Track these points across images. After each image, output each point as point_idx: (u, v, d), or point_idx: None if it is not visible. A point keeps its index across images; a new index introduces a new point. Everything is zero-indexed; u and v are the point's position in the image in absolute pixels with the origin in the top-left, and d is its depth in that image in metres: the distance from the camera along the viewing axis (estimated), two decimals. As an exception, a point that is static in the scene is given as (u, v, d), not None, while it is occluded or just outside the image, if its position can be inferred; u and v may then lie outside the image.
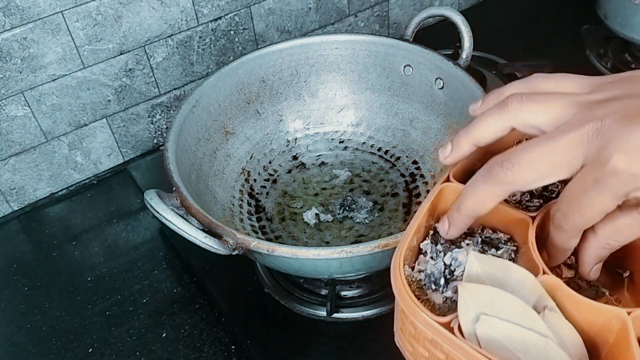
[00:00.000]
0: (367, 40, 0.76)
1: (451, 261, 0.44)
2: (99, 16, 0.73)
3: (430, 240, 0.46)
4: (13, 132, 0.75)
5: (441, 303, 0.42)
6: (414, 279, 0.44)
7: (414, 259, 0.46)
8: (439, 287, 0.43)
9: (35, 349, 0.64)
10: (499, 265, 0.42)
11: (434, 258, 0.45)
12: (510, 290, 0.40)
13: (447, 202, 0.49)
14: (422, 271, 0.45)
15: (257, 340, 0.62)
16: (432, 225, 0.48)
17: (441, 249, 0.46)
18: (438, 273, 0.44)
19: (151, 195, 0.55)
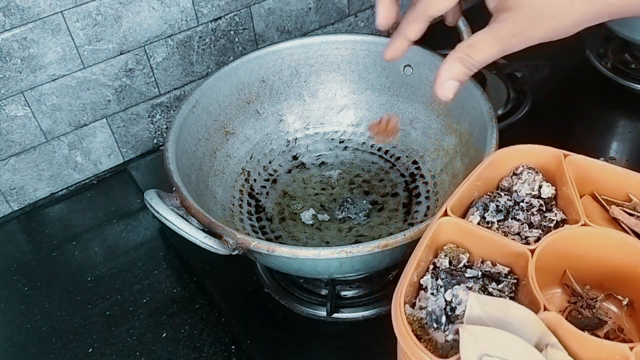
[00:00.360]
0: (367, 40, 0.76)
1: (452, 298, 0.44)
2: (99, 16, 0.73)
3: (430, 275, 0.46)
4: (13, 132, 0.75)
5: (443, 342, 0.42)
6: (415, 317, 0.44)
7: (415, 294, 0.46)
8: (441, 325, 0.43)
9: (35, 349, 0.64)
10: (500, 305, 0.42)
11: (434, 294, 0.45)
12: (512, 330, 0.40)
13: (445, 237, 0.48)
14: (423, 308, 0.44)
15: (257, 340, 0.62)
16: (431, 260, 0.48)
17: (442, 284, 0.45)
18: (439, 311, 0.43)
19: (151, 195, 0.55)
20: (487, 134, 0.61)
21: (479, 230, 0.48)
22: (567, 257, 0.48)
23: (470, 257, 0.48)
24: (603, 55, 0.93)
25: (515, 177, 0.53)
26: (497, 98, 0.88)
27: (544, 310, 0.41)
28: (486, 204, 0.51)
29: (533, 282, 0.43)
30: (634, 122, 0.85)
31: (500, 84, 0.90)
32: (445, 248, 0.48)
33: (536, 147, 0.54)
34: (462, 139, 0.69)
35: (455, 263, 0.48)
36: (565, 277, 0.50)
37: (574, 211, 0.48)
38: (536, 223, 0.50)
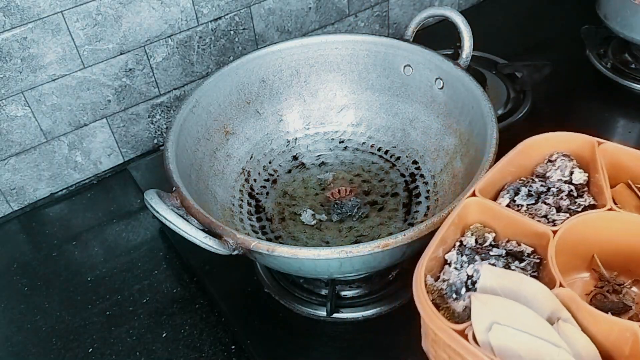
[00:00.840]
0: (367, 40, 0.76)
1: (473, 272, 0.45)
2: (99, 16, 0.73)
3: (456, 251, 0.47)
4: (13, 132, 0.75)
5: (461, 311, 0.43)
6: (436, 287, 0.45)
7: (439, 269, 0.47)
8: (460, 296, 0.44)
9: (35, 349, 0.64)
10: (513, 278, 0.43)
11: (457, 269, 0.46)
12: (524, 302, 0.41)
13: (472, 216, 0.49)
14: (445, 281, 0.46)
15: (257, 340, 0.62)
16: (458, 238, 0.49)
17: (466, 259, 0.46)
18: (460, 283, 0.44)
19: (151, 195, 0.55)
20: (487, 134, 0.61)
21: (504, 210, 0.49)
22: (595, 242, 0.49)
23: (496, 237, 0.49)
24: (603, 55, 0.93)
25: (550, 164, 0.54)
26: (497, 98, 0.88)
27: (559, 287, 0.42)
28: (518, 188, 0.52)
29: (552, 260, 0.44)
30: (634, 122, 0.85)
31: (500, 84, 0.90)
32: (472, 227, 0.50)
33: (570, 134, 0.55)
34: (462, 139, 0.69)
35: (481, 242, 0.49)
36: (593, 262, 0.50)
37: (604, 197, 0.49)
38: (564, 207, 0.50)
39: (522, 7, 1.10)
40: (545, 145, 0.55)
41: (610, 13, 0.87)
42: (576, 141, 0.54)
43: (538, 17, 1.07)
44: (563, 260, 0.45)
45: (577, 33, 0.96)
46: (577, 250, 0.49)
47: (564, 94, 0.90)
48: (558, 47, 0.98)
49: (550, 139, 0.55)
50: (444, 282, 0.46)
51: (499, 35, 1.03)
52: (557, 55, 0.94)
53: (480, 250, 0.48)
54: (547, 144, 0.55)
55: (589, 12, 0.94)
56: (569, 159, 0.54)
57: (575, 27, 0.97)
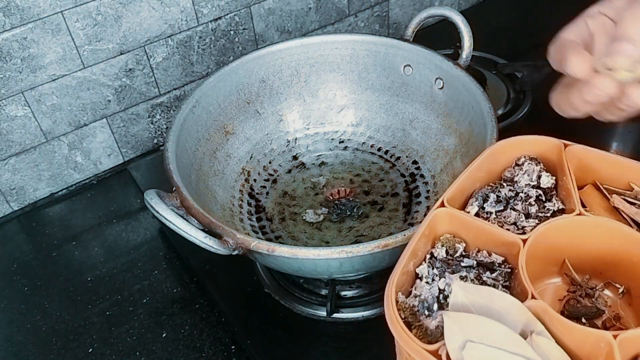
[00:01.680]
0: (367, 40, 0.76)
1: (445, 286, 0.44)
2: (99, 16, 0.73)
3: (427, 264, 0.47)
4: (13, 132, 0.75)
5: (434, 329, 0.42)
6: (407, 305, 0.44)
7: (411, 283, 0.46)
8: (432, 312, 0.43)
9: (35, 349, 0.64)
10: (484, 293, 0.42)
11: (429, 283, 0.45)
12: (497, 317, 0.41)
13: (442, 227, 0.49)
14: (417, 296, 0.45)
15: (257, 340, 0.62)
16: (429, 250, 0.48)
17: (437, 272, 0.46)
18: (432, 299, 0.44)
19: (151, 195, 0.55)
20: (487, 134, 0.61)
21: (473, 220, 0.48)
22: (565, 246, 0.49)
23: (467, 247, 0.49)
24: (603, 55, 0.93)
25: (518, 168, 0.54)
26: (497, 98, 0.88)
27: (531, 299, 0.42)
28: (486, 195, 0.51)
29: (523, 270, 0.43)
30: (633, 122, 0.84)
31: (500, 84, 0.90)
32: (442, 238, 0.49)
33: (537, 138, 0.54)
34: (462, 139, 0.69)
35: (452, 252, 0.48)
36: (565, 267, 0.50)
37: (572, 201, 0.49)
38: (533, 213, 0.50)
39: (522, 7, 1.10)
40: (513, 150, 0.54)
41: (610, 13, 0.87)
42: (543, 144, 0.54)
43: (538, 17, 1.07)
44: (534, 267, 0.45)
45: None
46: (547, 256, 0.49)
47: (564, 94, 0.90)
48: (558, 47, 0.98)
49: (517, 143, 0.54)
50: (416, 298, 0.45)
51: (499, 35, 1.03)
52: (557, 55, 0.94)
53: (452, 261, 0.47)
54: (515, 148, 0.54)
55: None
56: (536, 163, 0.54)
57: (575, 27, 0.97)
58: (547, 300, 0.49)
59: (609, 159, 0.52)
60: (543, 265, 0.49)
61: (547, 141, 0.54)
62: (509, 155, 0.55)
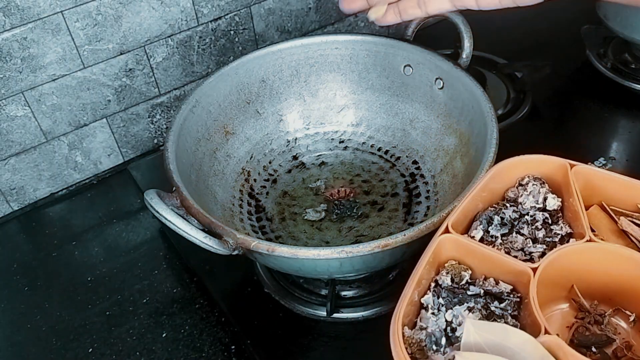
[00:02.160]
0: (367, 40, 0.76)
1: (452, 318, 0.43)
2: (99, 16, 0.73)
3: (432, 293, 0.45)
4: (13, 132, 0.75)
5: None
6: (414, 340, 0.43)
7: (416, 314, 0.45)
8: (440, 347, 0.42)
9: (35, 349, 0.64)
10: (498, 330, 0.41)
11: (435, 314, 0.44)
12: (511, 355, 0.39)
13: (447, 253, 0.48)
14: (423, 329, 0.44)
15: (257, 340, 0.62)
16: (433, 277, 0.47)
17: (443, 302, 0.44)
18: (439, 332, 0.43)
19: (151, 195, 0.55)
20: (487, 134, 0.61)
21: (480, 248, 0.47)
22: (574, 272, 0.48)
23: (473, 274, 0.47)
24: (603, 55, 0.93)
25: (521, 188, 0.52)
26: (497, 98, 0.88)
27: (545, 334, 0.41)
28: (490, 217, 0.50)
29: (534, 303, 0.42)
30: (634, 122, 0.85)
31: (500, 84, 0.90)
32: (447, 265, 0.48)
33: (542, 157, 0.53)
34: (462, 139, 0.69)
35: (458, 280, 0.47)
36: (572, 292, 0.49)
37: (580, 224, 0.47)
38: (540, 238, 0.49)
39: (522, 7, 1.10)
40: (516, 169, 0.53)
41: (610, 13, 0.87)
42: (548, 164, 0.52)
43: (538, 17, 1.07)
44: (542, 293, 0.44)
45: (577, 33, 0.96)
46: (556, 282, 0.48)
47: (564, 94, 0.90)
48: (558, 47, 0.98)
49: (521, 162, 0.53)
50: (422, 332, 0.44)
51: (499, 35, 1.02)
52: (557, 55, 0.94)
53: (457, 290, 0.46)
54: (518, 167, 0.53)
55: (589, 11, 0.94)
56: (540, 183, 0.52)
57: (575, 27, 0.97)
58: (556, 327, 0.48)
59: (616, 180, 0.50)
60: (550, 290, 0.48)
61: (552, 161, 0.52)
62: (511, 175, 0.53)
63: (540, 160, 0.53)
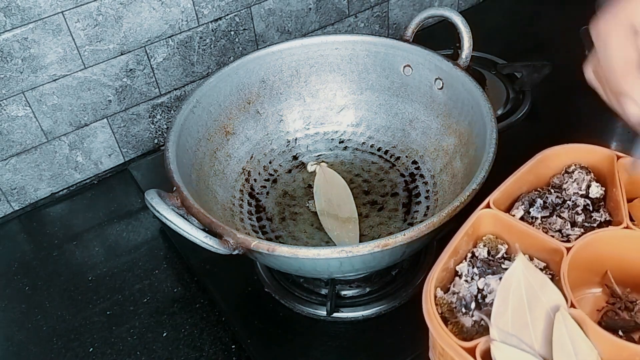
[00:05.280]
0: (367, 40, 0.76)
1: (484, 286, 0.45)
2: (100, 17, 0.73)
3: (467, 263, 0.47)
4: (14, 132, 0.75)
5: (469, 326, 0.43)
6: (445, 301, 0.45)
7: (450, 280, 0.47)
8: (470, 310, 0.43)
9: (35, 349, 0.64)
10: (540, 279, 0.43)
11: (468, 281, 0.46)
12: (540, 307, 0.41)
13: (485, 228, 0.49)
14: (455, 293, 0.45)
15: (257, 340, 0.62)
16: (470, 249, 0.48)
17: (477, 272, 0.46)
18: (470, 297, 0.44)
19: (152, 195, 0.55)
20: (487, 134, 0.61)
21: (517, 224, 0.48)
22: (609, 258, 0.48)
23: (509, 249, 0.49)
24: (603, 55, 0.93)
25: (567, 175, 0.54)
26: (497, 98, 0.88)
27: (571, 307, 0.42)
28: (533, 200, 0.51)
29: (564, 279, 0.43)
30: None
31: (500, 84, 0.90)
32: (485, 238, 0.49)
33: (590, 147, 0.54)
34: (461, 139, 0.69)
35: (494, 253, 0.48)
36: (606, 278, 0.50)
37: (620, 214, 0.48)
38: (579, 222, 0.50)
39: (522, 7, 1.10)
40: (564, 156, 0.54)
41: (610, 13, 0.87)
42: (595, 154, 0.54)
43: (538, 17, 1.07)
44: (575, 275, 0.45)
45: (576, 33, 0.96)
46: (590, 266, 0.48)
47: (563, 94, 0.90)
48: (558, 47, 0.98)
49: (569, 150, 0.54)
50: (454, 295, 0.45)
51: (498, 35, 1.03)
52: (556, 55, 0.94)
53: (492, 262, 0.47)
54: (566, 155, 0.54)
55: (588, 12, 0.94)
56: (586, 172, 0.53)
57: (575, 27, 0.97)
58: (586, 309, 0.49)
59: None
60: (584, 274, 0.48)
61: (600, 151, 0.54)
62: (559, 162, 0.54)
63: (588, 149, 0.54)
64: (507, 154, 0.61)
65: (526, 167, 0.52)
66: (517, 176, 0.52)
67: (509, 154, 0.57)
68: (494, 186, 0.56)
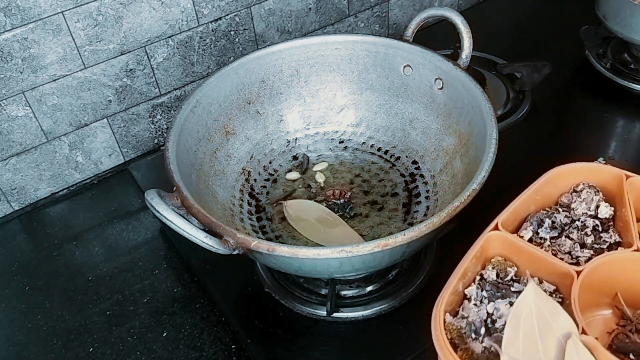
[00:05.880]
0: (366, 40, 0.76)
1: (494, 310, 0.44)
2: (100, 17, 0.73)
3: (476, 286, 0.47)
4: (14, 132, 0.75)
5: (480, 352, 0.43)
6: (455, 326, 0.45)
7: (458, 303, 0.47)
8: (479, 336, 0.43)
9: (35, 349, 0.64)
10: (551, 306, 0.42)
11: (477, 305, 0.45)
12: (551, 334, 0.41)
13: (494, 250, 0.49)
14: (464, 318, 0.45)
15: (257, 340, 0.62)
16: (479, 271, 0.48)
17: (486, 295, 0.46)
18: (479, 322, 0.44)
19: (152, 195, 0.55)
20: (487, 134, 0.61)
21: (527, 246, 0.48)
22: (619, 280, 0.48)
23: (518, 272, 0.48)
24: (602, 55, 0.93)
25: (575, 194, 0.53)
26: (497, 98, 0.88)
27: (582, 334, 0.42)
28: (541, 220, 0.51)
29: (575, 304, 0.43)
30: (633, 122, 0.85)
31: (500, 84, 0.90)
32: (493, 261, 0.49)
33: (598, 166, 0.54)
34: (462, 139, 0.69)
35: (503, 276, 0.48)
36: (616, 299, 0.49)
37: (630, 234, 0.48)
38: (589, 244, 0.49)
39: (522, 7, 1.10)
40: (572, 175, 0.54)
41: (610, 13, 0.87)
42: (603, 173, 0.54)
43: (538, 17, 1.07)
44: (585, 297, 0.44)
45: (576, 33, 0.96)
46: (600, 288, 0.48)
47: (563, 94, 0.90)
48: (558, 47, 0.99)
49: (577, 169, 0.54)
50: (463, 320, 0.45)
51: (498, 35, 1.03)
52: (556, 55, 0.94)
53: (501, 285, 0.47)
54: (574, 174, 0.54)
55: (588, 12, 0.94)
56: (595, 191, 0.53)
57: (575, 27, 0.97)
58: (596, 331, 0.49)
59: None
60: (595, 296, 0.48)
61: (608, 170, 0.53)
62: (567, 181, 0.54)
63: (596, 168, 0.54)
64: (507, 154, 0.61)
65: (534, 187, 0.52)
66: (525, 196, 0.51)
67: (509, 154, 0.57)
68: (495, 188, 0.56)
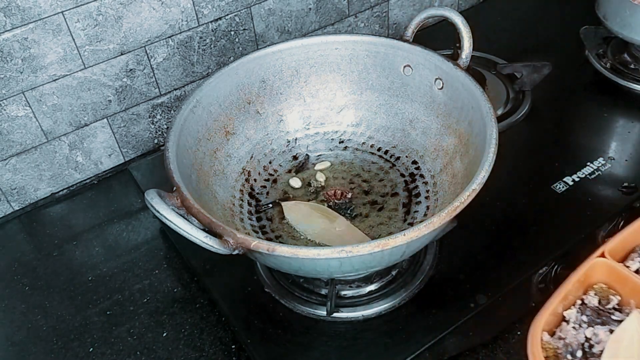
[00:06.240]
0: (367, 40, 0.76)
1: (592, 335, 0.45)
2: (100, 17, 0.73)
3: (577, 309, 0.47)
4: (14, 132, 0.75)
5: None
6: (551, 346, 0.45)
7: (556, 324, 0.47)
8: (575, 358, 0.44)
9: (35, 349, 0.64)
10: None
11: (576, 328, 0.46)
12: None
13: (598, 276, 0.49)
14: (562, 339, 0.45)
15: (257, 340, 0.62)
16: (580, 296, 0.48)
17: (585, 319, 0.46)
18: (577, 345, 0.44)
19: (152, 195, 0.55)
20: (487, 134, 0.61)
21: (632, 277, 0.48)
22: None
23: (621, 301, 0.48)
24: (602, 55, 0.93)
25: None
26: (497, 98, 0.88)
27: None
28: None
29: None
30: (633, 122, 0.85)
31: (500, 84, 0.90)
32: (596, 287, 0.49)
33: None
34: (462, 139, 0.69)
35: (604, 303, 0.48)
36: None
37: None
38: None
39: (522, 7, 1.10)
40: None
41: (610, 13, 0.87)
42: None
43: (538, 18, 1.07)
44: None
45: (576, 33, 0.96)
46: None
47: (563, 95, 0.90)
48: (558, 47, 0.99)
49: None
50: (560, 341, 0.45)
51: (498, 35, 1.03)
52: (556, 55, 0.94)
53: (602, 312, 0.47)
54: None
55: (588, 12, 0.94)
56: None
57: (575, 27, 0.97)
58: None
59: None
60: None
61: None
62: None
63: None
64: (507, 154, 0.61)
65: None
66: (634, 227, 0.51)
67: (509, 154, 0.57)
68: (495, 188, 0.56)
